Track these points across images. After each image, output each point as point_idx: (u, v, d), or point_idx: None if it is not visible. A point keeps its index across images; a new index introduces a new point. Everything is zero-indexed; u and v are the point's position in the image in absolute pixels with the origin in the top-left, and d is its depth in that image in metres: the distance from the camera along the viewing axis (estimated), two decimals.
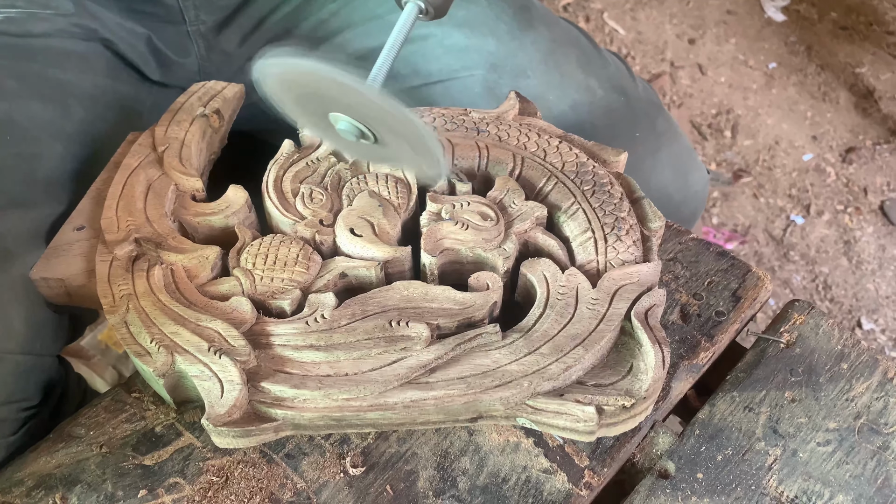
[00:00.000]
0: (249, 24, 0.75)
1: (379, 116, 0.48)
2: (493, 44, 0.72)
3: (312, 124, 0.55)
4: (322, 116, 0.50)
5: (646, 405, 0.48)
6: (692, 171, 0.77)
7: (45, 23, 0.64)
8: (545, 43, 0.74)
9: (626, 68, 0.79)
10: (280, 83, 0.49)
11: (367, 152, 0.56)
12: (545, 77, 0.72)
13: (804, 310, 0.60)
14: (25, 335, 0.53)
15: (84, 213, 0.57)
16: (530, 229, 0.55)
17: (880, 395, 0.55)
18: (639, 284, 0.52)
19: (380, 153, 0.54)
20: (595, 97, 0.73)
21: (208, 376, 0.46)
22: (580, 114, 0.72)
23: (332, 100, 0.48)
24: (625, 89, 0.76)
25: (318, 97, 0.48)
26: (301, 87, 0.48)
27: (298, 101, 0.51)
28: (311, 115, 0.52)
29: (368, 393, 0.46)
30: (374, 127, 0.49)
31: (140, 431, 0.50)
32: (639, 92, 0.78)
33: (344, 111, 0.49)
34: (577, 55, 0.75)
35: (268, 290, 0.51)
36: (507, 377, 0.47)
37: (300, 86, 0.48)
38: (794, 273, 1.51)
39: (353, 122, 0.49)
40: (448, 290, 0.51)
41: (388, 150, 0.52)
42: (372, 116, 0.48)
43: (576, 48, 0.76)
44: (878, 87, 1.81)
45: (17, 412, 0.54)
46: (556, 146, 0.60)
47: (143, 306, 0.50)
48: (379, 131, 0.49)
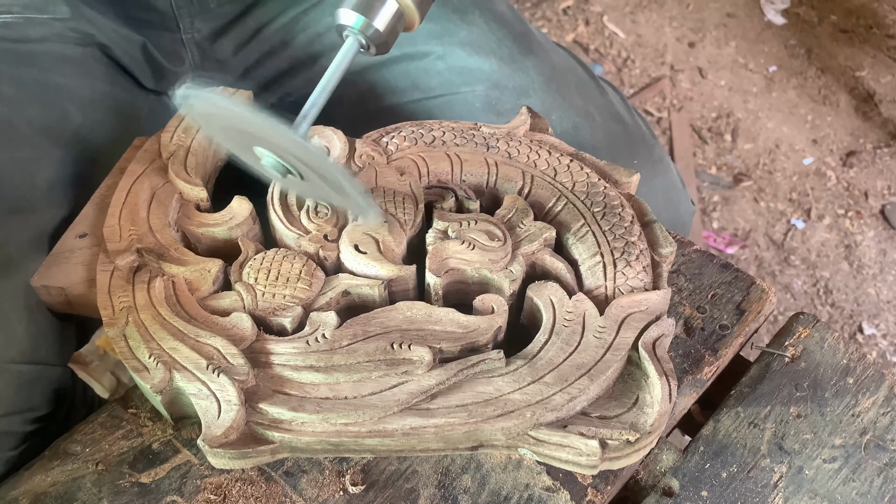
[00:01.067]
0: (245, 34, 0.75)
1: (302, 158, 0.47)
2: (494, 63, 0.72)
3: (240, 153, 0.53)
4: (248, 149, 0.49)
5: (650, 439, 0.47)
6: (682, 202, 0.78)
7: (42, 27, 0.64)
8: (545, 68, 0.74)
9: (622, 98, 0.81)
10: (203, 115, 0.48)
11: (295, 186, 0.55)
12: (547, 97, 0.72)
13: (809, 323, 0.59)
14: (29, 344, 0.53)
15: (87, 220, 0.57)
16: (538, 251, 0.54)
17: (887, 411, 0.55)
18: (647, 313, 0.51)
19: (307, 189, 0.53)
20: (594, 122, 0.74)
21: (206, 395, 0.46)
22: (582, 135, 0.72)
23: (256, 137, 0.47)
24: (622, 118, 0.77)
25: (242, 133, 0.48)
26: (225, 120, 0.47)
27: (225, 132, 0.50)
28: (237, 146, 0.51)
29: (367, 418, 0.45)
30: (297, 167, 0.48)
31: (137, 448, 0.49)
32: (636, 121, 0.79)
33: (269, 148, 0.48)
34: (576, 82, 0.76)
35: (269, 307, 0.50)
36: (510, 406, 0.46)
37: (224, 119, 0.47)
38: (795, 277, 1.51)
39: (278, 159, 0.48)
40: (452, 312, 0.50)
41: (314, 188, 0.51)
42: (295, 158, 0.47)
43: (574, 76, 0.77)
44: (879, 90, 1.81)
45: (21, 424, 0.53)
46: (567, 165, 0.59)
47: (142, 320, 0.50)
48: (303, 171, 0.49)
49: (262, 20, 0.75)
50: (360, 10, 0.49)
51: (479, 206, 0.58)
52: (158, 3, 0.70)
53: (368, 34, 0.50)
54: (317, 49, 0.75)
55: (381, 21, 0.50)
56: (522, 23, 0.79)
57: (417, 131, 0.62)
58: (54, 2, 0.65)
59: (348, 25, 0.50)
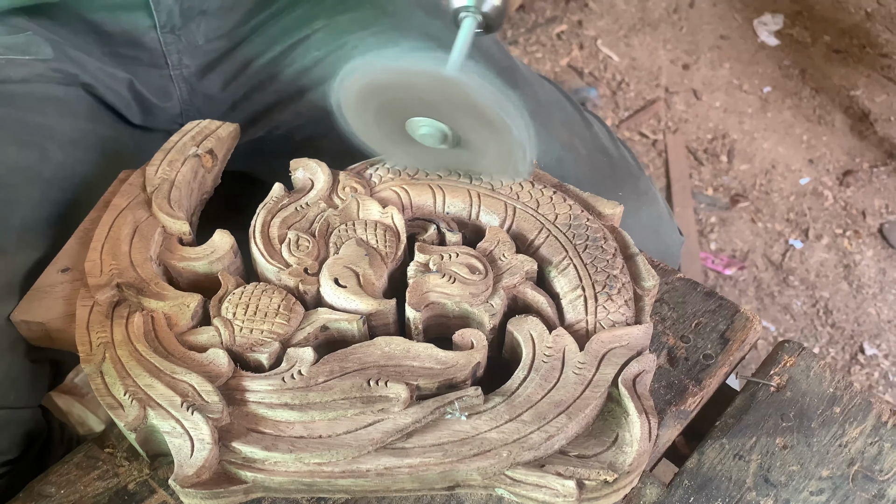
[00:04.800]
0: (233, 68, 0.76)
1: (463, 108, 0.49)
2: None
3: (390, 143, 0.56)
4: (400, 131, 0.52)
5: (629, 479, 0.47)
6: (670, 234, 0.79)
7: (24, 68, 0.64)
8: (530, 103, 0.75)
9: (608, 131, 0.81)
10: (365, 91, 0.51)
11: (447, 159, 0.57)
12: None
13: (794, 351, 0.58)
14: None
15: (70, 255, 0.57)
16: (519, 284, 0.54)
17: (874, 440, 0.54)
18: (628, 348, 0.50)
19: (460, 158, 0.55)
20: (579, 155, 0.74)
21: (179, 433, 0.45)
22: (567, 168, 0.72)
23: (414, 102, 0.50)
24: (607, 150, 0.78)
25: (398, 103, 0.50)
26: (381, 94, 0.50)
27: (380, 110, 0.52)
28: (390, 129, 0.54)
29: (341, 458, 0.45)
30: (458, 123, 0.50)
31: (112, 489, 0.49)
32: (622, 152, 0.79)
33: (426, 112, 0.50)
34: (562, 117, 0.77)
35: (246, 342, 0.50)
36: (486, 445, 0.46)
37: (387, 87, 0.50)
38: (794, 298, 1.50)
39: (436, 123, 0.50)
40: (430, 347, 0.49)
41: (469, 154, 0.53)
42: (455, 110, 0.50)
43: (559, 110, 0.78)
44: (874, 109, 1.81)
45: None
46: (550, 197, 0.59)
47: (119, 356, 0.49)
48: (463, 127, 0.50)
49: (250, 55, 0.76)
50: None
51: (461, 238, 0.58)
52: (147, 41, 0.71)
53: (486, 10, 0.53)
54: (304, 83, 0.76)
55: None
56: (508, 57, 0.79)
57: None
58: (38, 43, 0.65)
59: (464, 5, 0.53)
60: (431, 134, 0.51)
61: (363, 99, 0.51)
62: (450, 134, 0.51)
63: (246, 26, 0.75)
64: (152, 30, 0.70)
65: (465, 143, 0.52)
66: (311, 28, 0.75)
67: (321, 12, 0.75)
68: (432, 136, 0.52)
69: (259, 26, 0.75)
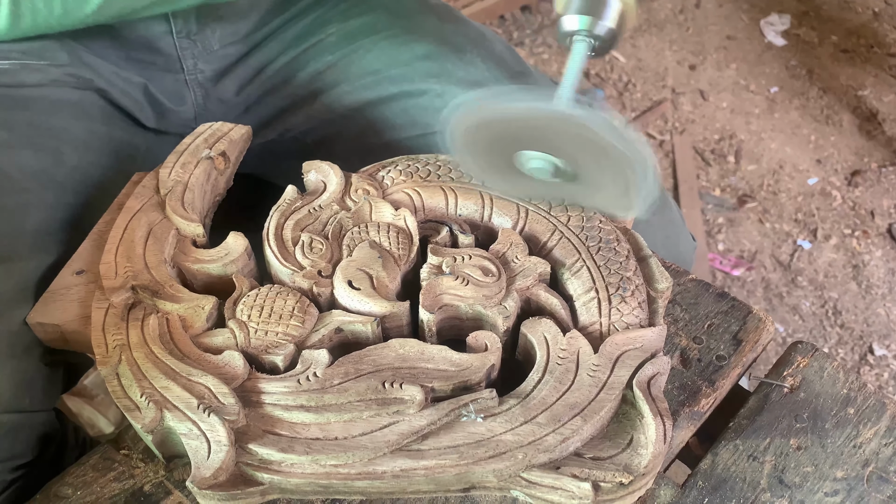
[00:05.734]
0: (247, 73, 0.76)
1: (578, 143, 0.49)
2: None
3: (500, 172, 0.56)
4: (509, 163, 0.52)
5: (645, 481, 0.47)
6: (682, 238, 0.78)
7: (38, 73, 0.64)
8: None
9: None
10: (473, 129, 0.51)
11: (558, 192, 0.58)
12: None
13: (807, 352, 0.58)
14: (12, 393, 0.53)
15: (84, 257, 0.57)
16: (533, 286, 0.54)
17: (889, 441, 0.54)
18: (642, 350, 0.50)
19: (572, 191, 0.55)
20: None
21: (196, 435, 0.45)
22: None
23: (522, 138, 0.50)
24: None
25: (508, 138, 0.50)
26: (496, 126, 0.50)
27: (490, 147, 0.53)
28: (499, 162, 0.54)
29: (357, 460, 0.45)
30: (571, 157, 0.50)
31: (129, 491, 0.49)
32: None
33: (538, 147, 0.50)
34: None
35: (262, 344, 0.50)
36: (502, 448, 0.46)
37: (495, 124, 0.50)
38: (803, 299, 1.49)
39: (549, 157, 0.50)
40: (445, 349, 0.49)
41: (583, 188, 0.53)
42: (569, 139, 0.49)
43: None
44: (882, 109, 1.81)
45: (4, 472, 0.53)
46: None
47: (135, 358, 0.50)
48: (576, 160, 0.50)
49: (264, 60, 0.76)
50: (586, 13, 0.51)
51: (473, 240, 0.58)
52: (162, 46, 0.71)
53: (601, 32, 0.51)
54: (317, 86, 0.76)
55: (611, 19, 0.52)
56: (520, 62, 0.79)
57: (413, 165, 0.62)
58: (53, 48, 0.66)
59: (576, 30, 0.52)
60: (543, 168, 0.51)
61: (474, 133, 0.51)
62: (563, 167, 0.51)
63: (260, 31, 0.75)
64: (168, 35, 0.70)
65: (579, 178, 0.51)
66: (325, 32, 0.75)
67: (334, 17, 0.76)
68: (543, 169, 0.51)
69: (273, 31, 0.76)
